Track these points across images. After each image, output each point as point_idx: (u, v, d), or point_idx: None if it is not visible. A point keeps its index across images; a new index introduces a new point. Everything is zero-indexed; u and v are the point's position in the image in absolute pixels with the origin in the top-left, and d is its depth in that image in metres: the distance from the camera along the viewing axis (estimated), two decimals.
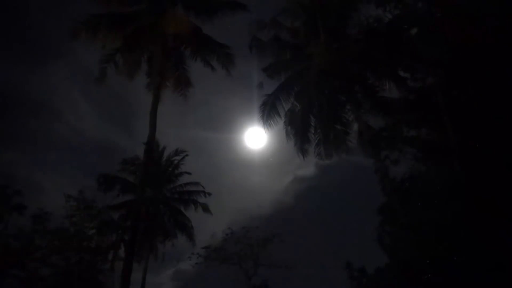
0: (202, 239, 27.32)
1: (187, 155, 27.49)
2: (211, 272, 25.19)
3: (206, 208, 26.35)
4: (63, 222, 21.06)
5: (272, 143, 27.14)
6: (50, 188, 41.60)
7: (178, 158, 27.51)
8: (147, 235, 23.91)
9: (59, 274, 20.58)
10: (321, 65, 18.30)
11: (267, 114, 19.92)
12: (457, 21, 12.22)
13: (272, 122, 20.05)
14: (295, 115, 19.98)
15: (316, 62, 18.79)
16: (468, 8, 12.13)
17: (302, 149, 20.01)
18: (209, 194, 26.62)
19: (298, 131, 19.95)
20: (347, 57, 18.47)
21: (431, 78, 13.53)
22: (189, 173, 27.38)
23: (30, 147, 46.48)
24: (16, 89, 44.20)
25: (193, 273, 27.34)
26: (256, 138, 29.95)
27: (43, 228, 20.64)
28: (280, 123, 20.17)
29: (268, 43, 20.15)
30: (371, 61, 17.02)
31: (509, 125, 10.61)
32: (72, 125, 51.03)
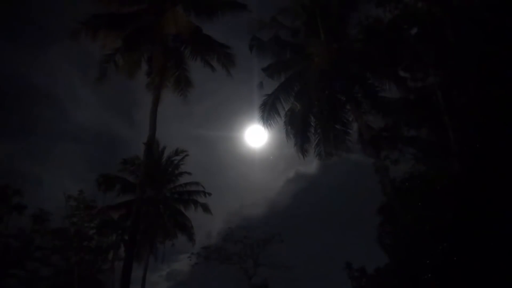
0: (199, 238, 27.40)
1: (187, 155, 27.53)
2: (208, 272, 25.26)
3: (206, 208, 26.37)
4: (63, 222, 21.08)
5: (273, 141, 27.15)
6: (50, 180, 41.48)
7: (178, 158, 27.55)
8: (147, 235, 23.91)
9: (59, 274, 20.58)
10: (321, 65, 18.29)
11: (267, 114, 19.90)
12: (457, 21, 12.22)
13: (272, 122, 20.05)
14: (295, 115, 19.96)
15: (316, 62, 18.77)
16: (468, 8, 12.13)
17: (302, 149, 19.99)
18: (209, 194, 26.66)
19: (298, 131, 19.93)
20: (347, 57, 18.45)
21: (431, 78, 13.53)
22: (189, 173, 27.43)
23: (28, 138, 46.41)
24: (14, 76, 43.96)
25: (188, 273, 27.42)
26: (256, 136, 29.93)
27: (43, 228, 20.63)
28: (280, 122, 20.18)
29: (268, 43, 20.13)
30: (371, 61, 17.00)
31: (509, 125, 10.61)
32: (72, 114, 50.79)
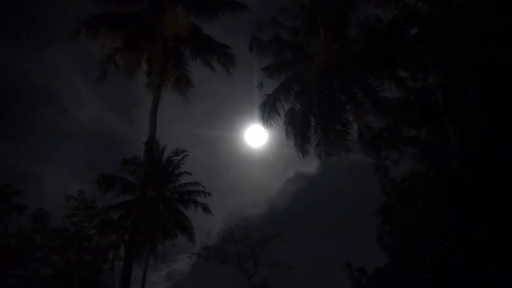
0: (199, 238, 27.43)
1: (187, 155, 27.53)
2: (208, 272, 25.23)
3: (206, 208, 26.37)
4: (63, 222, 21.07)
5: (273, 141, 27.18)
6: (50, 180, 41.45)
7: (178, 158, 27.54)
8: (147, 235, 23.89)
9: (59, 274, 20.56)
10: (321, 65, 18.32)
11: (267, 114, 19.93)
12: (457, 21, 12.23)
13: (272, 122, 20.08)
14: (295, 115, 19.98)
15: (316, 62, 18.81)
16: (468, 8, 12.13)
17: (302, 149, 20.02)
18: (209, 194, 26.65)
19: (298, 131, 19.95)
20: (347, 57, 18.47)
21: (431, 78, 13.54)
22: (189, 173, 27.42)
23: (28, 138, 46.37)
24: (14, 76, 43.90)
25: (188, 273, 27.40)
26: (256, 136, 29.92)
27: (43, 228, 20.62)
28: (280, 122, 20.21)
29: (268, 43, 20.15)
30: (371, 61, 17.01)
31: (509, 125, 10.61)
32: (72, 114, 50.75)
